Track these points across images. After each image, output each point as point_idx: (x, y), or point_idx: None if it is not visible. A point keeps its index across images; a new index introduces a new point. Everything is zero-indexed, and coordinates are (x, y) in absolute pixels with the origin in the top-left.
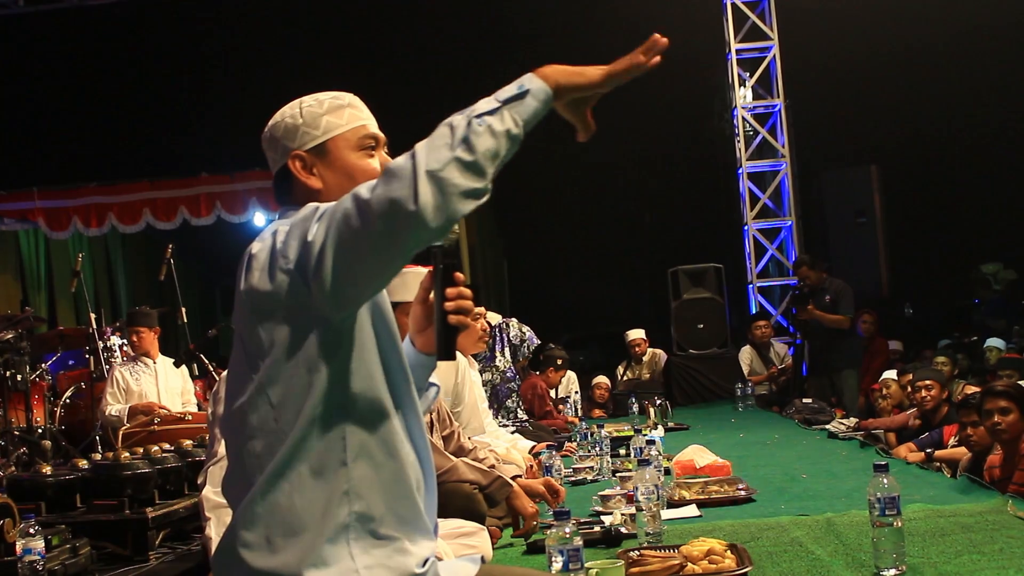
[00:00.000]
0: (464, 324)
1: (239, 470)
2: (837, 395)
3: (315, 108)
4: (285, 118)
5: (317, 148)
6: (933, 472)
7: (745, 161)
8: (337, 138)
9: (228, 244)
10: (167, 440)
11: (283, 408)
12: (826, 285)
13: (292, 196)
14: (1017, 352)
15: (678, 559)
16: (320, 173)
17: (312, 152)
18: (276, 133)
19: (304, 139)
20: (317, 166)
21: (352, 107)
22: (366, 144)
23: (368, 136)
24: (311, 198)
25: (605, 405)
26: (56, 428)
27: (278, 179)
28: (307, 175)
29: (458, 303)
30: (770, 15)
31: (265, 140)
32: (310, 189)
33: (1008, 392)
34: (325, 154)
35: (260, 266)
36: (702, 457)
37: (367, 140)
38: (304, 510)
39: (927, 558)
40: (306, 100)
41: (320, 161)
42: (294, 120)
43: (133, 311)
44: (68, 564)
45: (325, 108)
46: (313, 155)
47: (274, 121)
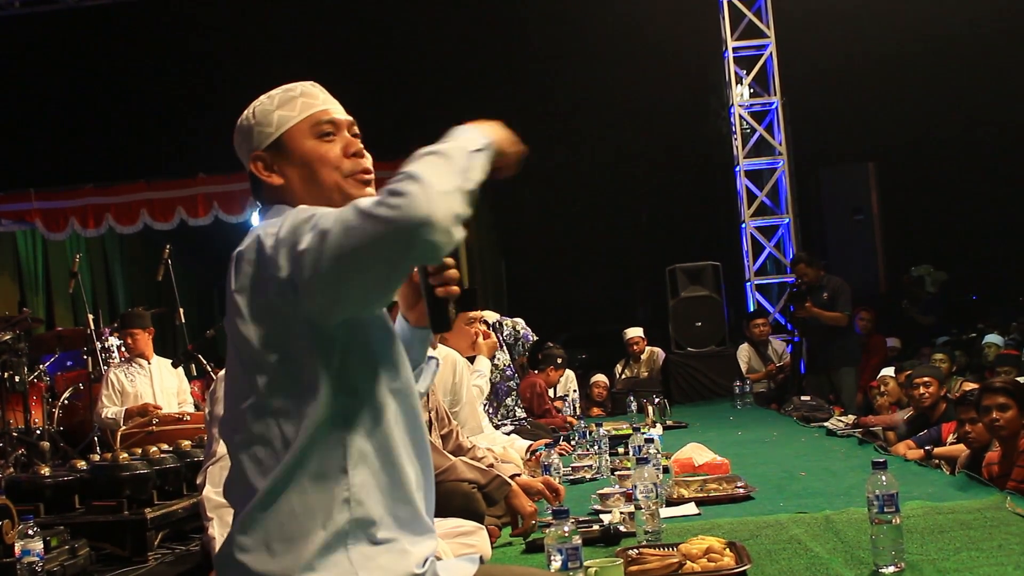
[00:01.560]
0: (452, 293)
1: (240, 474)
2: (835, 392)
3: (266, 105)
4: (242, 121)
5: (274, 144)
6: (932, 469)
7: (742, 159)
8: (291, 130)
9: (226, 245)
10: (165, 441)
11: (283, 416)
12: (824, 282)
13: (263, 195)
14: (1015, 348)
15: (677, 557)
16: (280, 169)
17: (269, 150)
18: (237, 138)
19: (260, 138)
20: (277, 163)
21: (305, 95)
22: (323, 130)
23: (324, 121)
24: (277, 196)
25: (603, 403)
26: (54, 429)
27: (251, 180)
28: (268, 174)
29: (441, 276)
30: (767, 13)
31: (234, 145)
32: (273, 187)
33: (1006, 389)
34: (282, 149)
35: (248, 272)
36: (700, 455)
37: (323, 126)
38: (304, 517)
39: (926, 555)
40: (260, 99)
41: (279, 157)
42: (248, 122)
43: (126, 313)
44: (67, 565)
45: (276, 103)
46: (271, 152)
47: (238, 125)
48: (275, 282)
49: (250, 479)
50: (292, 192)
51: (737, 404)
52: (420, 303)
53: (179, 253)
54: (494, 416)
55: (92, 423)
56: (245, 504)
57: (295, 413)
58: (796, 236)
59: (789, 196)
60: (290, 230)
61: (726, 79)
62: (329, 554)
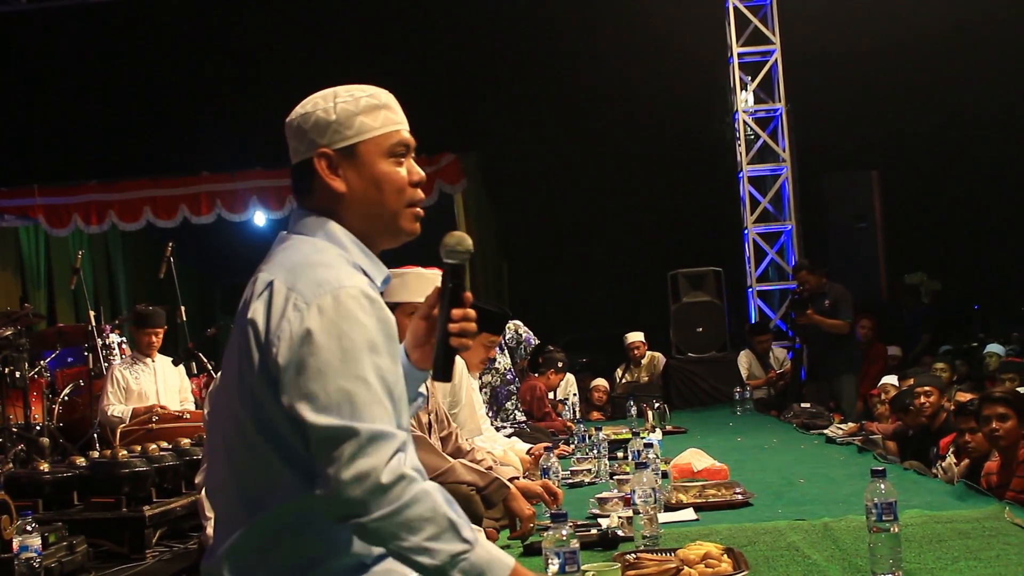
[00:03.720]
0: (465, 346)
1: (236, 488)
2: (835, 400)
3: (350, 105)
4: (318, 110)
5: (346, 149)
6: (931, 478)
7: (746, 165)
8: (369, 141)
9: (228, 243)
10: (165, 438)
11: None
12: (825, 290)
13: (312, 194)
14: (1017, 357)
15: (675, 562)
16: (345, 175)
17: (341, 152)
18: (305, 124)
19: (334, 137)
20: (343, 167)
21: (388, 109)
22: (397, 151)
23: (400, 143)
24: (333, 200)
25: (603, 408)
26: (54, 425)
27: (299, 171)
28: (331, 176)
29: (462, 325)
30: (772, 19)
31: (291, 127)
32: (333, 191)
33: (1006, 399)
34: (354, 156)
35: (259, 321)
36: (700, 461)
37: (399, 147)
38: (301, 558)
39: (923, 564)
40: (341, 94)
41: (347, 163)
42: (327, 115)
43: (144, 312)
44: (65, 562)
45: (360, 107)
46: (341, 155)
47: (304, 110)
48: (265, 359)
49: (248, 498)
50: (350, 204)
51: (737, 410)
52: (428, 345)
53: (181, 251)
54: (494, 419)
55: (92, 420)
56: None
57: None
58: (798, 243)
59: (792, 203)
60: (296, 354)
61: (731, 85)
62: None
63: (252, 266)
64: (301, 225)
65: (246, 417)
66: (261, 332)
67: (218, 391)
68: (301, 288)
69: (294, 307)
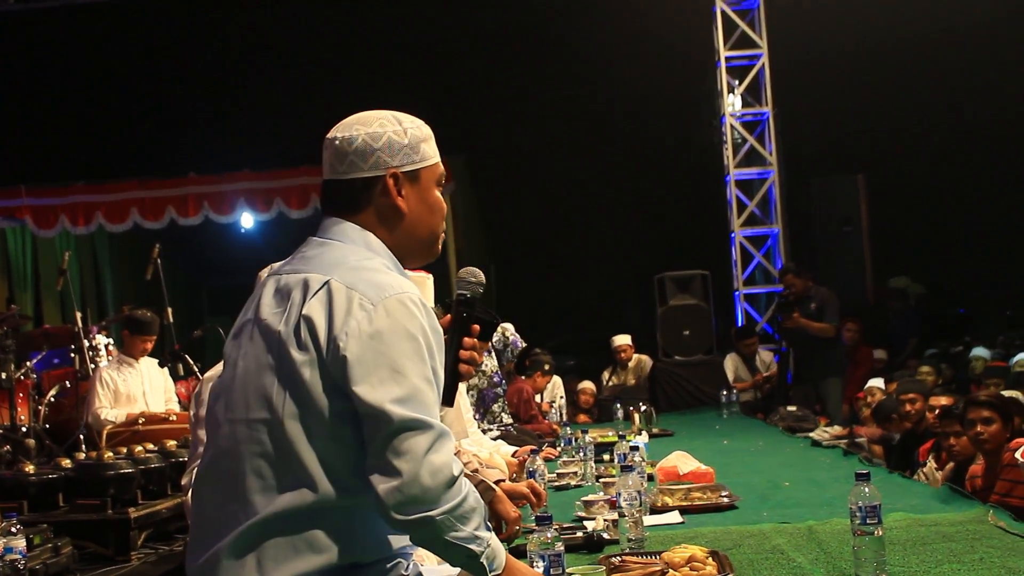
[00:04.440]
0: (471, 374)
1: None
2: (821, 403)
3: (417, 133)
4: (388, 131)
5: (413, 173)
6: (915, 481)
7: (733, 168)
8: (429, 169)
9: (216, 244)
10: (151, 440)
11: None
12: (812, 293)
13: (365, 208)
14: (1002, 360)
15: (659, 565)
16: (407, 197)
17: (407, 175)
18: (375, 143)
19: (404, 160)
20: (406, 190)
21: (433, 141)
22: (441, 181)
23: (443, 174)
24: (388, 218)
25: (590, 410)
26: (40, 427)
27: (353, 186)
28: (398, 195)
29: (471, 354)
30: (759, 23)
31: (350, 144)
32: (396, 209)
33: (991, 402)
34: (417, 181)
35: (319, 318)
36: (685, 463)
37: (443, 177)
38: (305, 546)
39: (907, 567)
40: (405, 120)
41: (410, 185)
42: (399, 138)
43: (146, 319)
44: (49, 563)
45: (424, 135)
46: (406, 178)
47: (371, 129)
48: (332, 355)
49: (247, 492)
50: (405, 224)
51: (723, 413)
52: None
53: (169, 252)
54: (481, 421)
55: (78, 421)
56: (232, 513)
57: (320, 450)
58: (785, 246)
59: (779, 206)
60: (369, 349)
61: (718, 88)
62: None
63: (239, 267)
64: (339, 232)
65: (284, 409)
66: (322, 328)
67: (228, 387)
68: (363, 289)
69: (360, 306)
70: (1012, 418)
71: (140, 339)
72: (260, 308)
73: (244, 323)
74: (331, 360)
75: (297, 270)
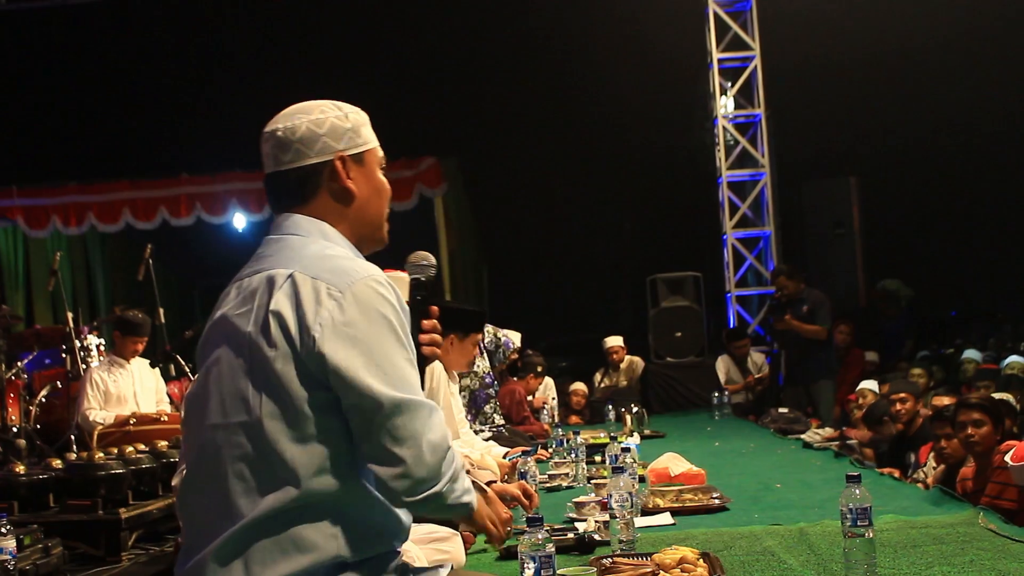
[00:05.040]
0: (435, 355)
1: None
2: (813, 405)
3: (358, 117)
4: (330, 118)
5: (358, 156)
6: (906, 484)
7: (725, 170)
8: (371, 151)
9: (207, 245)
10: (142, 441)
11: (288, 444)
12: (804, 295)
13: (314, 197)
14: (993, 363)
15: (650, 567)
16: (355, 181)
17: (353, 158)
18: (320, 129)
19: (349, 143)
20: (354, 172)
21: (370, 127)
22: (383, 164)
23: (383, 158)
24: (340, 204)
25: (582, 412)
26: (31, 427)
27: (298, 175)
28: (347, 178)
29: (432, 336)
30: (752, 25)
31: (294, 133)
32: (347, 193)
33: (982, 405)
34: (362, 164)
35: (287, 312)
36: (677, 465)
37: (383, 161)
38: (291, 546)
39: (898, 569)
40: (344, 106)
41: (357, 168)
42: (342, 122)
43: (137, 321)
44: (40, 564)
45: (363, 119)
46: (353, 161)
47: (313, 116)
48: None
49: (231, 496)
50: (355, 208)
51: (715, 415)
52: None
53: (160, 253)
54: (473, 422)
55: (69, 422)
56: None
57: (301, 446)
58: (777, 248)
59: (771, 208)
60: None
61: (711, 90)
62: None
63: (232, 268)
64: (293, 226)
65: (262, 409)
66: (292, 323)
67: (201, 394)
68: (329, 278)
69: (328, 296)
70: (1003, 421)
71: (131, 340)
72: (225, 312)
73: (211, 330)
74: (306, 354)
75: (258, 269)
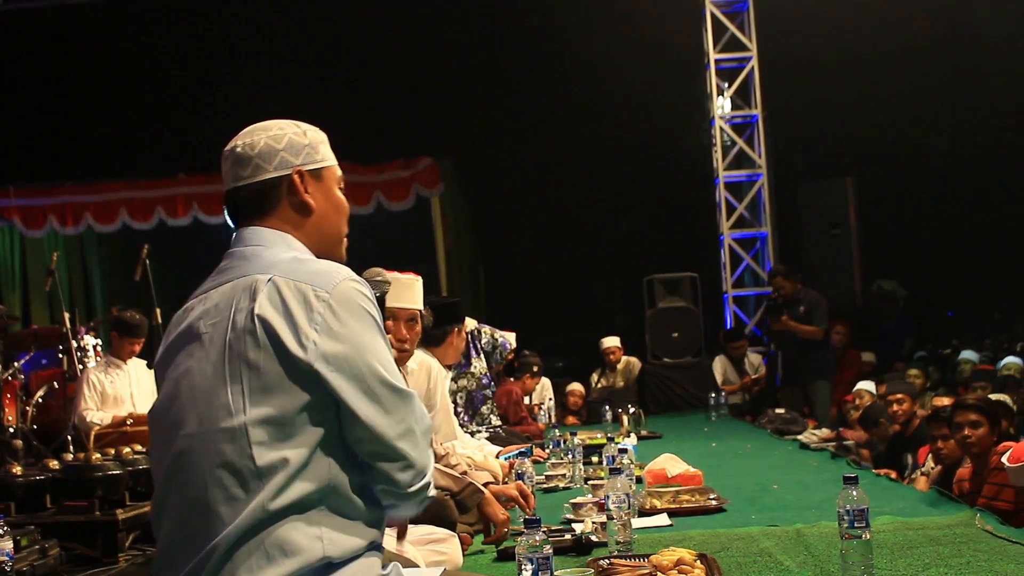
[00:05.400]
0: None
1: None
2: (809, 406)
3: (316, 135)
4: (288, 133)
5: (316, 171)
6: (903, 485)
7: (722, 171)
8: (329, 169)
9: (205, 245)
10: (139, 441)
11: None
12: (800, 296)
13: (274, 211)
14: (990, 364)
15: (648, 568)
16: (313, 195)
17: (311, 173)
18: (277, 144)
19: (307, 159)
20: (311, 186)
21: (328, 146)
22: (342, 184)
23: (342, 178)
24: (298, 217)
25: (579, 412)
26: (28, 428)
27: (259, 189)
28: (304, 192)
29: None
30: (749, 26)
31: (252, 148)
32: (304, 206)
33: (978, 406)
34: (320, 179)
35: (273, 316)
36: (674, 466)
37: (342, 180)
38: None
39: (895, 571)
40: (302, 124)
41: (315, 184)
42: (300, 138)
43: (135, 322)
44: (37, 565)
45: (321, 138)
46: (311, 176)
47: (272, 132)
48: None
49: (212, 504)
50: (313, 222)
51: (712, 416)
52: None
53: (157, 253)
54: (469, 423)
55: (66, 422)
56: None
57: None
58: (774, 249)
59: (768, 209)
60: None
61: (708, 91)
62: None
63: None
64: (257, 238)
65: (247, 413)
66: (281, 326)
67: (170, 408)
68: (312, 280)
69: (316, 298)
70: (999, 421)
71: (128, 341)
72: (192, 324)
73: (174, 344)
74: (300, 356)
75: (225, 280)
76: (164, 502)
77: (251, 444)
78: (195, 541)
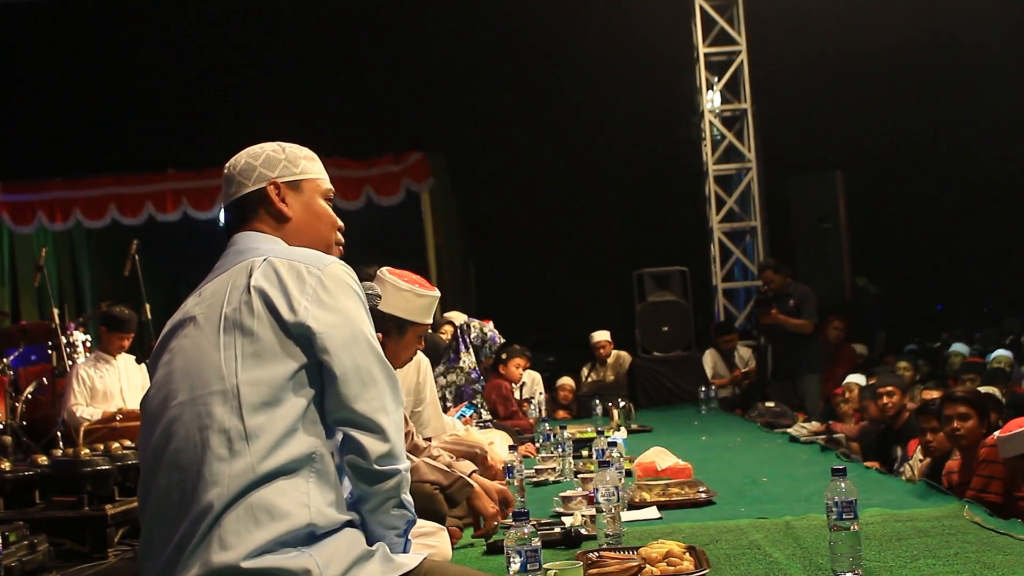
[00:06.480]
0: None
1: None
2: (799, 399)
3: (297, 151)
4: (267, 151)
5: (293, 183)
6: (891, 477)
7: (712, 165)
8: (310, 180)
9: (194, 241)
10: (128, 437)
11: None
12: (790, 290)
13: (256, 219)
14: (979, 357)
15: (637, 561)
16: (290, 204)
17: (288, 184)
18: (255, 161)
19: (284, 171)
20: (289, 197)
21: (317, 163)
22: (328, 196)
23: (330, 191)
24: (281, 223)
25: (569, 406)
26: (17, 424)
27: (243, 202)
28: (280, 202)
29: None
30: (738, 20)
31: (235, 168)
32: (282, 214)
33: (967, 398)
34: (299, 190)
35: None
36: (664, 459)
37: (329, 193)
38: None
39: (883, 562)
40: (287, 144)
41: (293, 194)
42: (277, 154)
43: (123, 317)
44: (25, 561)
45: (304, 154)
46: (288, 187)
47: (251, 152)
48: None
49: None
50: (292, 229)
51: (702, 409)
52: None
53: (146, 248)
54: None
55: (55, 418)
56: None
57: (276, 411)
58: (764, 243)
59: (757, 203)
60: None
61: (697, 85)
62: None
63: None
64: (249, 240)
65: (239, 375)
66: (275, 295)
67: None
68: (304, 259)
69: (309, 273)
70: (988, 414)
71: (118, 336)
72: (188, 311)
73: (167, 335)
74: (292, 323)
75: (224, 270)
76: (153, 475)
77: (242, 404)
78: (185, 508)
